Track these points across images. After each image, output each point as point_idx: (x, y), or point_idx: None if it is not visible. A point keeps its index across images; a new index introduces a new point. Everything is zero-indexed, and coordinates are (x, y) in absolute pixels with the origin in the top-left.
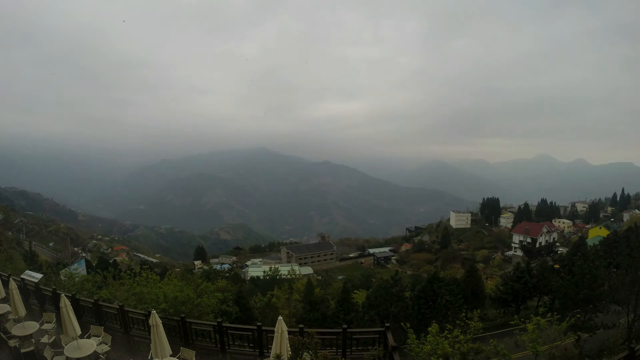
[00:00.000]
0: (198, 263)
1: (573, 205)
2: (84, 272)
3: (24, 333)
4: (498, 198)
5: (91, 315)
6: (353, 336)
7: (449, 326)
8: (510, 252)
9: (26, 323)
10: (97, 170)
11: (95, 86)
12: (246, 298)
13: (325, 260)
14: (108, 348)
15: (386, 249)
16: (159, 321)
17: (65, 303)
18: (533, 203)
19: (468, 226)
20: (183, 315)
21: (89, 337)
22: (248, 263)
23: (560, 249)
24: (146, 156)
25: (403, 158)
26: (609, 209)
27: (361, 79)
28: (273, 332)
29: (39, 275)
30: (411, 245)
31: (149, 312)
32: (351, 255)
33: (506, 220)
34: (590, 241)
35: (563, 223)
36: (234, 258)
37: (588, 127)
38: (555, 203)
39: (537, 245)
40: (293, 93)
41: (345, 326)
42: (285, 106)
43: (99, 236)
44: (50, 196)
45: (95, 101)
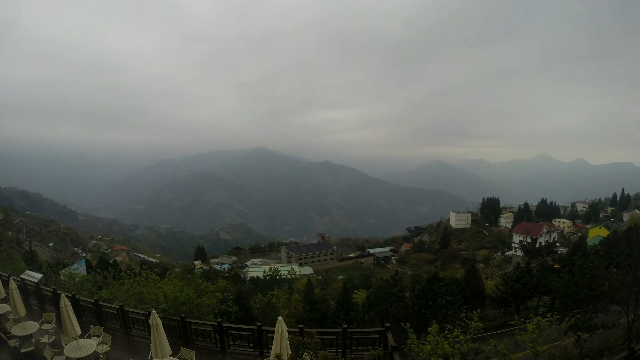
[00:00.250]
0: (198, 263)
1: (573, 205)
2: (84, 272)
3: (24, 333)
4: (498, 198)
5: (91, 315)
6: (353, 336)
7: (449, 326)
8: (510, 252)
9: (26, 323)
10: (98, 170)
11: (95, 85)
12: (246, 298)
13: (325, 260)
14: (108, 348)
15: (386, 249)
16: (159, 321)
17: (65, 303)
18: (533, 203)
19: (468, 226)
20: (183, 315)
21: (89, 337)
22: (248, 263)
23: (560, 249)
24: (146, 156)
25: (403, 158)
26: (609, 209)
27: (346, 94)
28: (273, 332)
29: (39, 275)
30: (411, 245)
31: (149, 312)
32: (351, 255)
33: (506, 220)
34: (590, 241)
35: (563, 223)
36: (234, 258)
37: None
38: (555, 203)
39: (537, 245)
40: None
41: (345, 326)
42: (277, 111)
43: (99, 236)
44: (50, 196)
45: (96, 100)
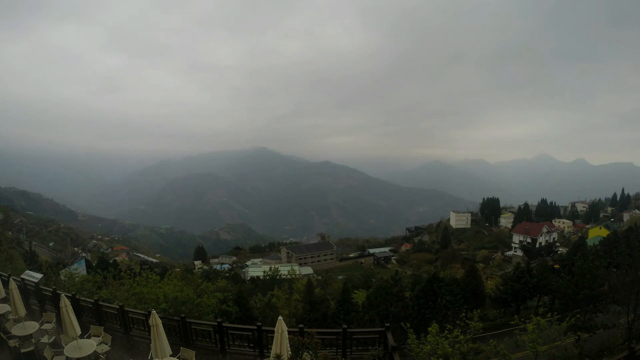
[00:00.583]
0: (198, 263)
1: (573, 205)
2: (84, 272)
3: (24, 333)
4: (498, 198)
5: (91, 315)
6: (353, 336)
7: (449, 326)
8: (510, 252)
9: (26, 323)
10: (97, 170)
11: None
12: (246, 298)
13: (325, 260)
14: (108, 348)
15: (386, 249)
16: (159, 321)
17: (65, 303)
18: (533, 203)
19: (468, 226)
20: (183, 315)
21: (89, 337)
22: (248, 263)
23: (560, 249)
24: (146, 156)
25: (403, 158)
26: (609, 209)
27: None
28: (273, 332)
29: (39, 275)
30: (411, 245)
31: (149, 312)
32: (351, 255)
33: (506, 220)
34: (590, 241)
35: (563, 223)
36: (234, 258)
37: None
38: (555, 203)
39: (537, 245)
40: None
41: (345, 326)
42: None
43: (99, 236)
44: (50, 196)
45: (96, 100)
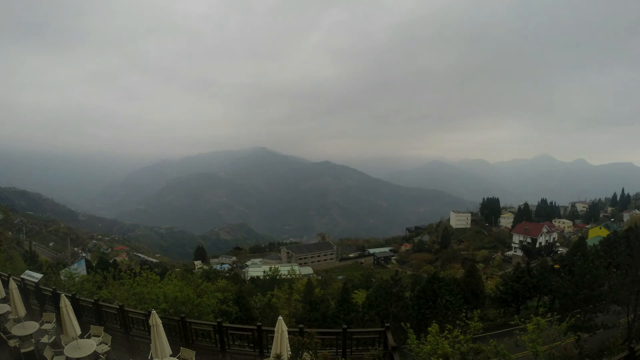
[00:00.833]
0: (198, 263)
1: (573, 205)
2: (84, 272)
3: (24, 333)
4: (498, 198)
5: (91, 315)
6: (353, 336)
7: (449, 326)
8: (510, 252)
9: (26, 323)
10: (97, 170)
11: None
12: (246, 298)
13: (325, 260)
14: (108, 348)
15: (386, 249)
16: (159, 321)
17: (65, 303)
18: (533, 203)
19: (468, 226)
20: (183, 315)
21: (89, 337)
22: (248, 263)
23: (560, 249)
24: (146, 156)
25: (403, 158)
26: (609, 209)
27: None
28: (273, 332)
29: (39, 275)
30: (411, 245)
31: (149, 312)
32: (351, 255)
33: (506, 220)
34: (590, 241)
35: (563, 223)
36: (234, 258)
37: None
38: (555, 203)
39: (537, 245)
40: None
41: (345, 326)
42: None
43: (99, 236)
44: (50, 196)
45: (95, 101)
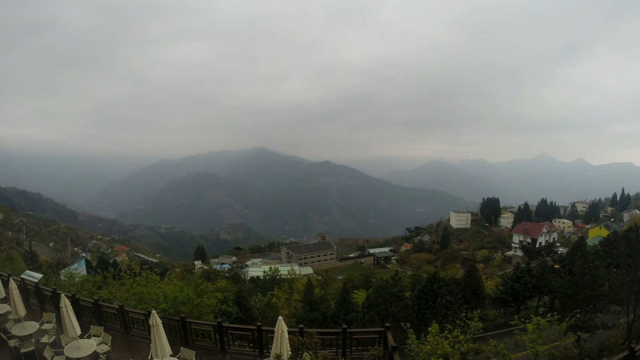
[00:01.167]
0: (198, 263)
1: (573, 205)
2: (84, 272)
3: (24, 333)
4: (498, 198)
5: (91, 315)
6: (353, 336)
7: (449, 326)
8: (510, 252)
9: (26, 323)
10: (97, 170)
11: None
12: (246, 298)
13: (325, 260)
14: (108, 348)
15: (386, 249)
16: (159, 321)
17: (65, 303)
18: (533, 203)
19: (468, 226)
20: (183, 315)
21: (89, 337)
22: (248, 263)
23: (560, 249)
24: (146, 156)
25: (403, 158)
26: (609, 209)
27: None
28: (273, 332)
29: (39, 275)
30: (411, 245)
31: (149, 312)
32: (351, 255)
33: (506, 220)
34: (590, 241)
35: (563, 223)
36: (234, 258)
37: None
38: (555, 203)
39: (537, 245)
40: None
41: (345, 326)
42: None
43: (99, 236)
44: (50, 196)
45: (96, 100)
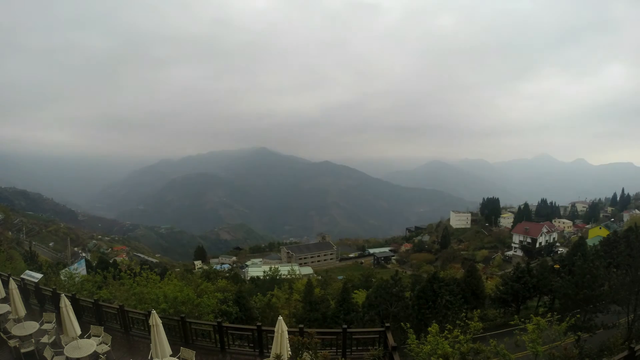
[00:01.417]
0: (198, 263)
1: (573, 205)
2: (84, 272)
3: (24, 333)
4: (498, 198)
5: (91, 315)
6: (353, 336)
7: (449, 326)
8: (510, 252)
9: (26, 323)
10: (97, 170)
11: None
12: (246, 298)
13: (325, 260)
14: (108, 348)
15: (386, 249)
16: (159, 321)
17: (65, 303)
18: (533, 203)
19: (468, 226)
20: (183, 315)
21: (89, 337)
22: (248, 263)
23: (560, 249)
24: (146, 156)
25: (403, 158)
26: (609, 209)
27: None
28: (273, 332)
29: (39, 275)
30: (411, 245)
31: (149, 312)
32: (351, 255)
33: (506, 220)
34: (590, 241)
35: (563, 223)
36: (234, 258)
37: None
38: (555, 203)
39: (537, 245)
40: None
41: (345, 326)
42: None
43: (99, 236)
44: (50, 196)
45: (96, 100)
